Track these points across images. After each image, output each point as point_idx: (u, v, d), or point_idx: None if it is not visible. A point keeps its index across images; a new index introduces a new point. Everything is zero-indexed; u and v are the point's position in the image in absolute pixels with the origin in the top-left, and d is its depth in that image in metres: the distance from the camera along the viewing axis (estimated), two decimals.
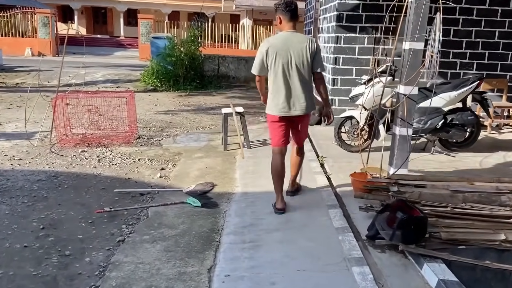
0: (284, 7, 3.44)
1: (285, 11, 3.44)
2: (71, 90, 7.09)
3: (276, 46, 3.43)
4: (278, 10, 3.48)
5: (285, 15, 3.45)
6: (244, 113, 5.83)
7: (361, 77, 5.47)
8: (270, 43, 3.47)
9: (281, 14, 3.47)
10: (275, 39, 3.50)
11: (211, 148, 5.96)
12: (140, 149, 5.85)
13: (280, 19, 3.49)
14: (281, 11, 3.46)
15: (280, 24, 3.52)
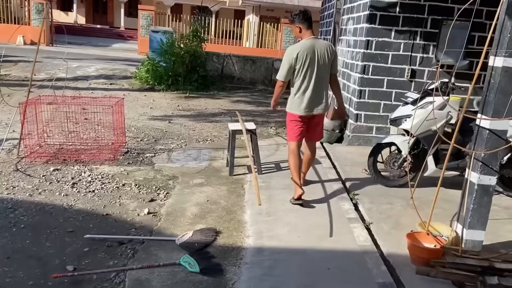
0: (303, 17, 3.76)
1: (304, 20, 3.76)
2: (45, 94, 5.98)
3: (305, 51, 3.71)
4: (296, 20, 3.77)
5: (304, 23, 3.77)
6: (255, 131, 4.75)
7: (406, 95, 4.41)
8: (298, 49, 3.72)
9: (300, 23, 3.77)
10: (302, 45, 3.74)
11: (213, 172, 4.88)
12: (126, 169, 4.77)
13: (300, 28, 3.78)
14: (300, 21, 3.76)
15: (300, 32, 3.80)
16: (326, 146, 6.01)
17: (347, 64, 6.62)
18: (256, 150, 4.73)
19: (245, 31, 22.16)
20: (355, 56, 6.18)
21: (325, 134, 6.16)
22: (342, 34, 7.30)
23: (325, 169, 4.91)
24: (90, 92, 9.69)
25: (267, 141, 6.28)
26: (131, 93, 9.98)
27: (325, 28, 9.13)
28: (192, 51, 10.87)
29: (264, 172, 4.82)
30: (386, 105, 5.98)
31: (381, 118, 6.02)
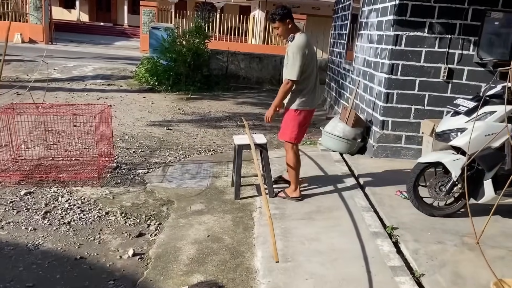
0: (289, 11, 3.64)
1: (290, 14, 3.64)
2: (20, 102, 5.21)
3: (309, 46, 3.63)
4: (286, 16, 3.60)
5: (291, 18, 3.65)
6: (266, 145, 3.93)
7: (456, 103, 3.57)
8: (307, 44, 3.59)
9: (290, 18, 3.63)
10: (306, 40, 3.59)
11: (216, 194, 4.07)
12: (113, 192, 3.98)
13: (290, 23, 3.62)
14: (289, 15, 3.62)
15: (290, 27, 3.63)
16: (347, 159, 5.19)
17: (369, 62, 5.78)
18: (267, 169, 3.91)
19: (250, 28, 21.30)
20: (380, 53, 5.34)
21: (345, 144, 5.35)
22: (362, 28, 6.45)
23: (350, 191, 4.09)
24: (85, 94, 8.93)
25: (277, 153, 5.46)
26: (129, 95, 9.21)
27: (340, 22, 8.28)
28: (194, 48, 10.07)
29: (275, 192, 4.01)
30: (417, 111, 5.14)
31: (411, 125, 5.18)
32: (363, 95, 5.94)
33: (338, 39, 8.31)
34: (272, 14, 3.61)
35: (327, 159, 5.13)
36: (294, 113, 3.71)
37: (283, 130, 3.83)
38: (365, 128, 5.58)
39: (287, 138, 3.79)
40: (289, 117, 3.75)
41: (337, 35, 8.46)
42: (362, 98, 5.97)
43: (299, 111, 3.71)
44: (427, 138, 4.99)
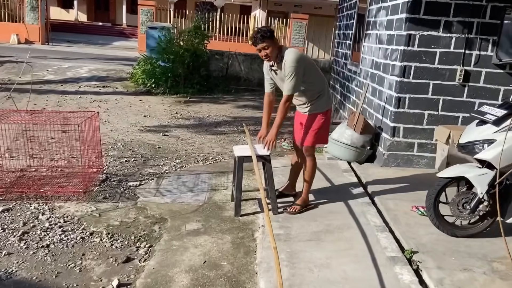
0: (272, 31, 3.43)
1: (273, 34, 3.41)
2: None
3: (303, 56, 3.50)
4: (271, 36, 3.33)
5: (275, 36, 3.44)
6: (270, 157, 3.56)
7: (481, 110, 3.20)
8: (302, 58, 3.38)
9: (274, 36, 3.39)
10: (297, 51, 3.39)
11: (214, 210, 3.70)
12: (99, 208, 3.61)
13: (277, 41, 3.41)
14: (273, 35, 3.38)
15: (278, 46, 3.40)
16: (356, 168, 4.82)
17: (378, 64, 5.41)
18: (271, 183, 3.54)
19: (251, 28, 20.95)
20: (391, 54, 4.97)
21: (353, 152, 4.98)
22: (369, 28, 6.08)
23: (361, 205, 3.72)
24: (78, 96, 8.57)
25: (280, 161, 5.10)
26: (125, 98, 8.85)
27: (345, 21, 7.91)
28: (193, 49, 9.69)
29: (280, 208, 3.63)
30: (431, 116, 4.77)
31: (424, 132, 4.81)
32: (371, 99, 5.57)
33: (343, 40, 7.94)
34: (259, 33, 3.29)
35: (334, 168, 4.76)
36: (320, 117, 3.55)
37: (306, 135, 3.56)
38: (374, 134, 5.21)
39: (313, 141, 3.56)
40: (314, 122, 3.55)
41: (342, 35, 8.09)
42: (370, 103, 5.60)
43: (325, 112, 3.56)
44: (441, 146, 4.62)
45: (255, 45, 3.34)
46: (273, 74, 3.50)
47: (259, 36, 3.29)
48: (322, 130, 3.57)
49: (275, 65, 3.40)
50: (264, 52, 3.31)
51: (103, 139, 5.69)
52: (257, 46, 3.31)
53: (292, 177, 3.92)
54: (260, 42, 3.29)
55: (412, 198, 3.87)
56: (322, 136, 3.63)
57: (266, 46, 3.29)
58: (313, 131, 3.53)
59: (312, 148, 3.61)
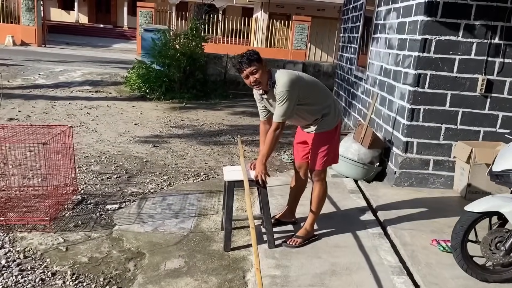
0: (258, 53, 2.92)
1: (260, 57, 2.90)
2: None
3: (299, 77, 2.91)
4: (258, 59, 2.84)
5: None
6: (266, 184, 3.04)
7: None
8: (297, 80, 2.86)
9: (262, 60, 2.88)
10: (290, 72, 2.91)
11: (200, 241, 3.19)
12: (68, 239, 3.11)
13: (265, 65, 2.89)
14: (260, 58, 2.87)
15: (267, 70, 2.87)
16: (364, 188, 4.31)
17: (388, 71, 4.91)
18: (266, 211, 3.04)
19: (253, 30, 20.48)
20: (403, 61, 4.47)
21: (361, 169, 4.47)
22: (377, 31, 5.58)
23: (372, 237, 3.21)
24: (67, 102, 8.09)
25: (279, 178, 4.60)
26: (117, 104, 8.36)
27: (350, 24, 7.41)
28: (189, 52, 9.21)
29: (277, 239, 3.12)
30: (448, 131, 4.26)
31: (441, 148, 4.30)
32: (379, 109, 5.07)
33: (348, 43, 7.44)
34: (243, 57, 2.81)
35: (339, 188, 4.25)
36: (328, 135, 3.04)
37: (315, 157, 3.04)
38: (383, 149, 4.70)
39: (324, 164, 3.05)
40: (323, 141, 3.03)
41: (346, 39, 7.59)
42: (378, 113, 5.09)
43: (334, 128, 3.06)
44: (461, 164, 4.12)
45: (240, 71, 2.84)
46: (266, 103, 3.01)
47: (244, 60, 2.79)
48: (332, 149, 3.07)
49: (267, 93, 2.91)
50: (253, 77, 2.80)
51: (87, 152, 5.21)
52: (244, 71, 2.80)
53: (292, 202, 3.42)
54: (246, 66, 2.78)
55: (430, 227, 3.36)
56: (333, 156, 3.13)
57: (254, 70, 2.78)
58: (322, 152, 3.01)
59: (324, 172, 3.10)
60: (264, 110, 3.07)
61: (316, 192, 3.09)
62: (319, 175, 3.07)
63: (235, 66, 2.92)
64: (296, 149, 3.28)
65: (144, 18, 17.53)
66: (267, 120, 3.06)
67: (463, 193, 4.10)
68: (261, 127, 3.12)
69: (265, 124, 3.07)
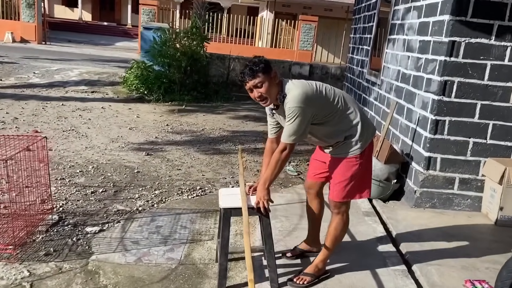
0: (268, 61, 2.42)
1: (269, 66, 2.39)
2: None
3: (316, 88, 2.38)
4: (265, 69, 2.32)
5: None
6: (268, 212, 2.55)
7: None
8: (312, 94, 2.33)
9: (271, 69, 2.37)
10: (307, 86, 2.35)
11: (190, 277, 2.70)
12: (35, 272, 2.64)
13: (276, 76, 2.39)
14: (269, 67, 2.36)
15: (277, 82, 2.38)
16: (380, 210, 3.82)
17: (407, 76, 4.41)
18: (269, 244, 2.55)
19: (258, 30, 20.00)
20: (425, 65, 3.97)
21: (376, 186, 3.98)
22: (394, 32, 5.08)
23: (394, 275, 2.72)
24: (60, 103, 7.64)
25: (284, 195, 4.11)
26: (113, 105, 7.90)
27: (362, 24, 6.91)
28: (190, 52, 8.74)
29: (282, 276, 2.64)
30: (477, 145, 3.76)
31: (468, 165, 3.80)
32: (396, 118, 4.58)
33: (359, 45, 6.94)
34: (247, 67, 2.33)
35: (352, 209, 3.68)
36: (354, 161, 2.47)
37: (334, 187, 2.53)
38: (400, 164, 4.21)
39: (345, 196, 2.52)
40: (343, 167, 2.49)
41: (358, 40, 7.09)
42: (395, 123, 4.60)
43: (361, 153, 2.47)
44: (491, 184, 3.62)
45: (242, 83, 2.36)
46: (278, 119, 2.53)
47: (247, 70, 2.30)
48: (358, 179, 2.50)
49: (277, 108, 2.44)
50: (257, 92, 2.32)
51: (73, 160, 4.75)
52: (247, 84, 2.33)
53: (312, 227, 2.90)
54: (249, 78, 2.30)
55: (461, 263, 2.87)
56: (359, 187, 2.53)
57: (259, 83, 2.30)
58: (343, 181, 2.47)
59: (345, 205, 2.57)
60: (275, 126, 2.58)
61: (333, 225, 2.60)
62: (338, 207, 2.57)
63: (238, 78, 2.43)
64: (311, 165, 2.79)
65: (147, 16, 17.10)
66: (276, 138, 2.57)
67: (493, 217, 3.60)
68: (267, 146, 2.63)
69: (273, 143, 2.58)
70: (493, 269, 2.80)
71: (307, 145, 5.84)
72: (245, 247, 2.02)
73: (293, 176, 4.85)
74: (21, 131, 5.69)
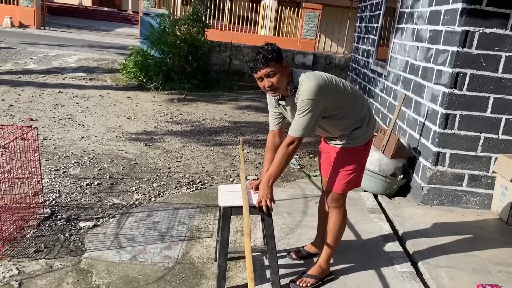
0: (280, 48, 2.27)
1: (281, 54, 2.25)
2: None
3: (329, 81, 2.25)
4: (278, 58, 2.18)
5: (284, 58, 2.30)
6: (271, 212, 2.41)
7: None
8: (326, 87, 2.20)
9: (283, 58, 2.23)
10: (322, 78, 2.22)
11: (188, 278, 2.57)
12: (24, 270, 2.51)
13: (287, 65, 2.25)
14: (281, 56, 2.22)
15: (289, 72, 2.24)
16: (385, 206, 3.67)
17: (415, 67, 4.24)
18: (271, 245, 2.41)
19: (260, 17, 19.66)
20: (435, 56, 3.79)
21: (382, 182, 3.84)
22: (402, 21, 4.88)
23: (401, 277, 2.58)
24: (57, 90, 7.48)
25: (287, 190, 3.96)
26: (111, 93, 7.73)
27: (369, 12, 6.69)
28: (191, 39, 8.53)
29: (284, 277, 2.51)
30: (488, 141, 3.61)
31: (478, 161, 3.65)
32: (403, 111, 4.41)
33: (365, 34, 6.73)
34: (260, 54, 2.15)
35: (357, 206, 3.62)
36: (357, 151, 2.40)
37: (335, 177, 2.40)
38: (407, 159, 4.06)
39: (345, 187, 2.40)
40: (348, 158, 2.40)
41: (363, 29, 6.88)
42: (402, 115, 4.43)
43: (365, 144, 2.42)
44: (503, 181, 3.47)
45: (254, 71, 2.20)
46: (282, 110, 2.37)
47: (260, 58, 2.14)
48: (358, 170, 2.42)
49: (285, 99, 2.28)
50: (268, 81, 2.16)
51: (68, 150, 4.61)
52: (258, 72, 2.16)
53: (322, 228, 2.74)
54: (262, 66, 2.14)
55: (472, 264, 2.73)
56: (357, 178, 2.46)
57: (271, 73, 2.14)
58: (346, 172, 2.36)
59: (343, 197, 2.45)
60: (278, 117, 2.42)
61: (332, 221, 2.46)
62: (337, 200, 2.43)
63: (248, 64, 2.24)
64: (322, 159, 2.64)
65: (148, 2, 16.81)
66: (279, 130, 2.41)
67: (504, 216, 3.46)
68: (269, 140, 2.48)
69: (275, 136, 2.43)
70: (506, 273, 2.67)
71: (310, 137, 5.68)
72: (246, 251, 1.88)
73: (296, 169, 4.71)
74: (16, 119, 5.53)
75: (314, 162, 4.93)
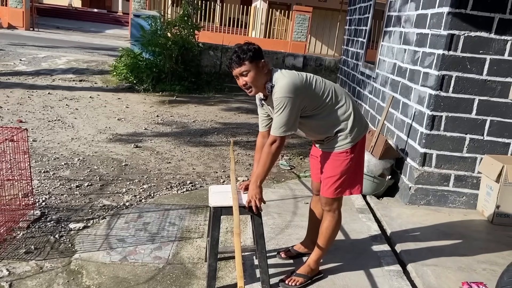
0: (259, 48, 2.29)
1: (258, 53, 2.26)
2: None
3: (304, 79, 2.27)
4: (253, 57, 2.19)
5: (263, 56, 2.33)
6: (260, 212, 2.44)
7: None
8: (300, 84, 2.21)
9: (262, 56, 2.27)
10: (295, 76, 2.24)
11: (178, 278, 2.59)
12: (14, 271, 2.51)
13: (265, 64, 2.26)
14: (258, 54, 2.23)
15: (266, 72, 2.26)
16: (374, 206, 3.73)
17: (403, 70, 4.31)
18: (260, 245, 2.44)
19: (251, 19, 19.74)
20: (422, 59, 3.87)
21: (370, 182, 3.90)
22: (390, 24, 4.96)
23: (388, 276, 2.63)
24: (47, 92, 7.43)
25: (277, 191, 4.00)
26: (102, 95, 7.71)
27: (358, 15, 6.78)
28: (181, 41, 8.54)
29: (275, 277, 2.54)
30: (474, 142, 3.68)
31: (464, 161, 3.72)
32: (391, 112, 4.48)
33: (354, 36, 6.81)
34: (235, 53, 2.20)
35: (346, 206, 3.63)
36: (344, 155, 2.36)
37: (324, 182, 2.42)
38: (395, 159, 4.12)
39: (336, 192, 2.40)
40: (333, 162, 2.39)
41: (353, 31, 6.96)
42: (390, 117, 4.50)
43: (352, 147, 2.36)
44: (488, 181, 3.55)
45: (230, 70, 2.26)
46: (268, 110, 2.41)
47: (234, 57, 2.19)
48: (349, 174, 2.39)
49: (266, 98, 2.32)
50: (243, 80, 2.21)
51: (58, 152, 4.60)
52: (233, 71, 2.22)
53: (311, 230, 2.78)
54: (236, 65, 2.19)
55: (457, 263, 2.80)
56: (351, 183, 2.43)
57: (245, 72, 2.18)
58: (333, 176, 2.37)
59: (336, 201, 2.46)
60: (266, 118, 2.46)
61: (325, 224, 2.50)
62: (329, 204, 2.47)
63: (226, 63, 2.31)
64: (311, 163, 2.68)
65: (138, 3, 16.79)
66: (268, 131, 2.45)
67: (489, 216, 3.54)
68: (259, 141, 2.52)
69: (264, 138, 2.46)
70: (490, 271, 2.73)
71: (300, 138, 5.74)
72: (236, 249, 1.91)
73: (286, 170, 4.75)
74: (5, 121, 5.50)
75: (304, 163, 4.98)
